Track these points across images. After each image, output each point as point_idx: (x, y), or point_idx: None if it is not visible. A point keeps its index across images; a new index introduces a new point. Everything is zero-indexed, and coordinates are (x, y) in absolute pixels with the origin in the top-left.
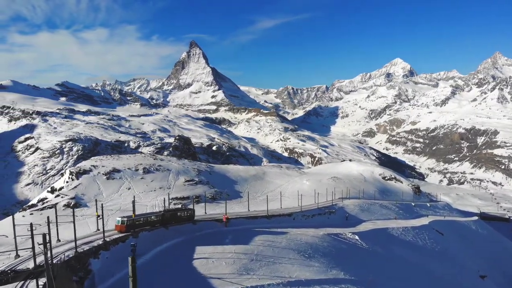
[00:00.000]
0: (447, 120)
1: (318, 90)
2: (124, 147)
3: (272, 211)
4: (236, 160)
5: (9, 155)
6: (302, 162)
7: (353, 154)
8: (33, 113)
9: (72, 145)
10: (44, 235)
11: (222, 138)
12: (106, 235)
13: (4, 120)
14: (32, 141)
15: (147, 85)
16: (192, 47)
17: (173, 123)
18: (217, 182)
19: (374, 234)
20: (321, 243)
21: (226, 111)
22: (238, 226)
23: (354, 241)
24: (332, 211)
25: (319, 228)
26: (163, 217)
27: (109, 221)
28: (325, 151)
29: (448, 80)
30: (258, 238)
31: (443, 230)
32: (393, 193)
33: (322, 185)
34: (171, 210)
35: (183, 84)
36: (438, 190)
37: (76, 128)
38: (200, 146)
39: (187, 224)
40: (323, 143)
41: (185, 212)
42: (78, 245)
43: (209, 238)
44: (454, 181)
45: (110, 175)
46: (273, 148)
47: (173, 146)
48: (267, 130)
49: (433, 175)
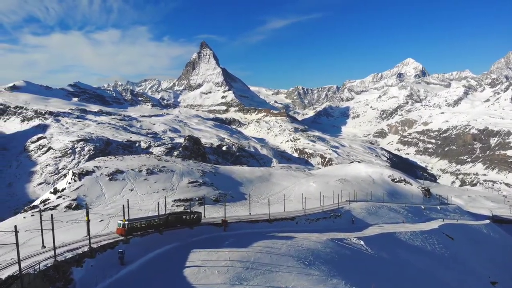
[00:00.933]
0: (459, 120)
1: (328, 90)
2: (135, 147)
3: (275, 215)
4: (246, 160)
5: (22, 154)
6: (312, 162)
7: (364, 154)
8: (46, 113)
9: (84, 145)
10: (17, 244)
11: (232, 138)
12: (106, 238)
13: (17, 120)
14: (45, 141)
15: (158, 85)
16: (202, 47)
17: (184, 123)
18: (221, 184)
19: (381, 239)
20: (323, 249)
21: (236, 112)
22: (238, 230)
23: (359, 247)
24: (338, 214)
25: (323, 233)
26: (168, 220)
27: (110, 224)
28: (335, 151)
29: (460, 80)
30: (256, 244)
31: (454, 234)
32: (402, 196)
33: (329, 187)
34: (176, 213)
35: (194, 85)
36: (449, 192)
37: (88, 128)
38: (210, 147)
39: (185, 228)
40: (333, 143)
41: (191, 215)
42: (63, 251)
43: (205, 244)
44: (467, 182)
45: (113, 176)
46: (283, 149)
47: (183, 146)
48: (277, 131)
49: (445, 177)
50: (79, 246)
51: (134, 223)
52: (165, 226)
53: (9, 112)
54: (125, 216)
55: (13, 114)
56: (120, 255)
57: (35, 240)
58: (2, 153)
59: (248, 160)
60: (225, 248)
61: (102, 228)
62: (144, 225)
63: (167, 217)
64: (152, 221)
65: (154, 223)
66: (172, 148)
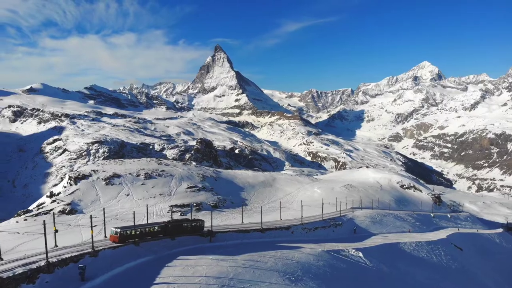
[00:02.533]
0: (476, 124)
1: (343, 94)
2: (149, 149)
3: (269, 224)
4: (258, 163)
5: (38, 156)
6: (325, 166)
7: (378, 159)
8: (62, 115)
9: (99, 147)
10: None
11: (244, 141)
12: (99, 245)
13: (34, 122)
14: (60, 143)
15: (173, 88)
16: (217, 51)
17: (197, 126)
18: (222, 189)
19: (382, 250)
20: (316, 262)
21: (249, 115)
22: (225, 241)
23: (356, 259)
24: (338, 223)
25: (320, 244)
26: (166, 228)
27: (103, 230)
28: (349, 155)
29: (477, 83)
30: (241, 257)
31: (463, 244)
32: (411, 203)
33: (334, 194)
34: (177, 221)
35: (208, 88)
36: (464, 198)
37: (103, 130)
38: (223, 149)
39: (165, 239)
40: (347, 147)
41: (193, 223)
42: (15, 266)
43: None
44: (483, 188)
45: (109, 180)
46: (295, 152)
47: (195, 149)
48: (290, 134)
49: (461, 182)
50: (43, 258)
51: (128, 231)
52: (164, 234)
53: (26, 114)
54: (133, 222)
55: (30, 116)
56: (81, 270)
57: (25, 246)
58: (19, 155)
59: (260, 163)
60: (203, 263)
61: (95, 235)
62: (140, 233)
63: (166, 225)
64: (150, 229)
65: (151, 231)
66: (185, 151)
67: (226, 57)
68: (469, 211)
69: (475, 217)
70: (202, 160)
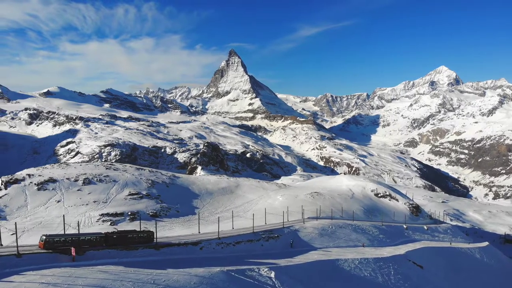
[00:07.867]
0: (494, 130)
1: (358, 98)
2: (160, 152)
3: (202, 235)
4: (269, 168)
5: (51, 158)
6: (338, 171)
7: (393, 164)
8: (76, 118)
9: (111, 150)
10: None
11: (256, 145)
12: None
13: (49, 124)
14: (73, 146)
15: (188, 93)
16: (231, 55)
17: (210, 130)
18: (171, 197)
19: (311, 268)
20: (196, 286)
21: (263, 119)
22: (96, 260)
23: (264, 281)
24: (274, 236)
25: (234, 261)
26: (107, 239)
27: (23, 237)
28: (363, 161)
29: (495, 89)
30: (94, 281)
31: (427, 261)
32: (383, 213)
33: (296, 202)
34: (119, 232)
35: (222, 92)
36: (469, 206)
37: (116, 133)
38: (234, 153)
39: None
40: (361, 152)
41: (139, 234)
42: None
43: None
44: (500, 195)
45: (42, 185)
46: (308, 157)
47: (201, 153)
48: (302, 138)
49: (478, 188)
50: None
51: (55, 239)
52: (105, 245)
53: (42, 117)
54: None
55: (45, 119)
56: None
57: None
58: (33, 157)
59: (272, 168)
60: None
61: (10, 242)
62: (70, 242)
63: (106, 236)
64: (84, 238)
65: (86, 240)
66: (196, 154)
67: (240, 62)
68: (472, 220)
69: (457, 229)
70: (209, 164)
